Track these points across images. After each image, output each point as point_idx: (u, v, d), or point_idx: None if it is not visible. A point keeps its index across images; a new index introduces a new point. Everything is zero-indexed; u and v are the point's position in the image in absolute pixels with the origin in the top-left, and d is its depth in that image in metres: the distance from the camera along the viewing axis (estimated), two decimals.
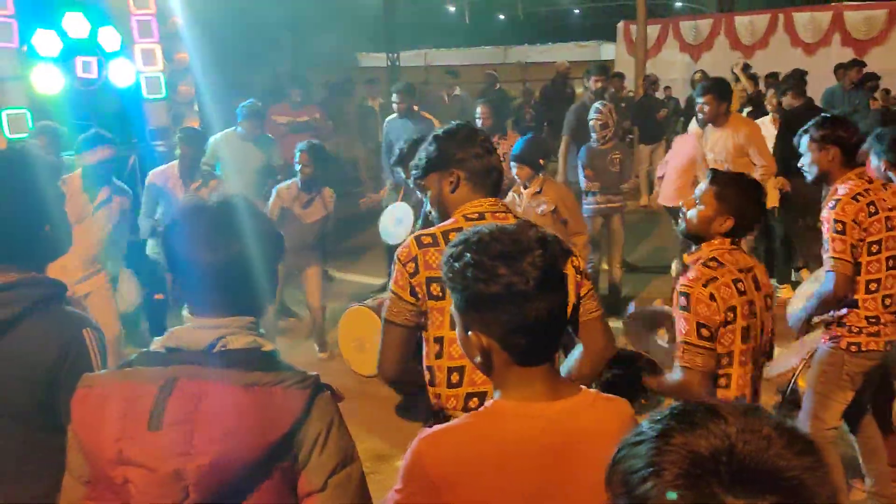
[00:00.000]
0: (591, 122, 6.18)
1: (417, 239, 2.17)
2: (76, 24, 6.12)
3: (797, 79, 6.94)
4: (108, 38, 6.38)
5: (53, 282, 1.89)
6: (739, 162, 5.54)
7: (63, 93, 6.07)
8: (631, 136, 10.93)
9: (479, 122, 6.17)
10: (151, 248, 5.56)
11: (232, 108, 6.65)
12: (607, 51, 19.42)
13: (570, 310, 2.02)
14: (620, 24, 15.97)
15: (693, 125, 7.63)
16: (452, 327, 1.99)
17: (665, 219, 7.57)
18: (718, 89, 5.63)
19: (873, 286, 3.15)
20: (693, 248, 2.66)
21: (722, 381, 2.52)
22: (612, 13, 24.51)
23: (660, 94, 11.76)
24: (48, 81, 5.96)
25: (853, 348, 3.19)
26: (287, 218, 5.46)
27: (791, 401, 3.64)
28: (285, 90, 9.01)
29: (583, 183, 6.22)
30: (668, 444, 0.81)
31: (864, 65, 9.51)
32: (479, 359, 1.43)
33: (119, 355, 4.93)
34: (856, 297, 3.16)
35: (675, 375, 2.52)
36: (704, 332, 2.44)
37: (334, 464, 1.40)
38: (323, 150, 5.66)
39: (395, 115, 6.97)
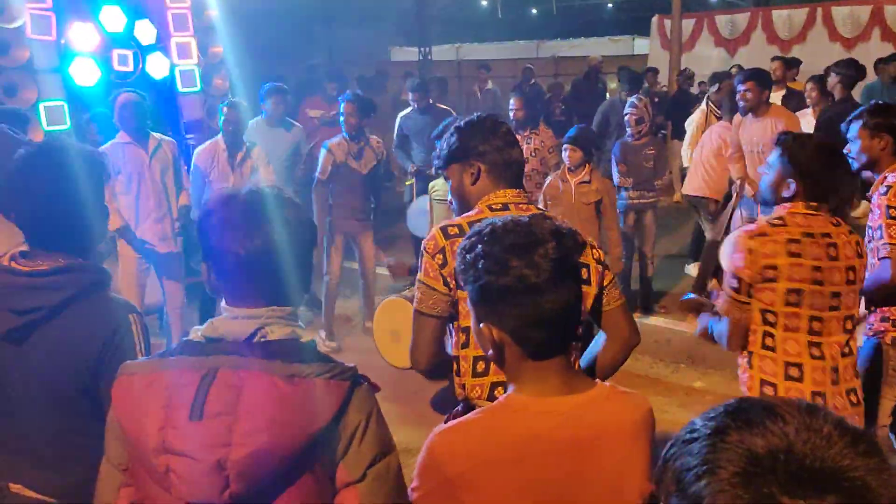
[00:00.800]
0: (626, 117, 6.12)
1: (444, 230, 2.15)
2: (113, 17, 6.19)
3: (851, 68, 6.79)
4: (145, 31, 6.45)
5: (99, 268, 1.97)
6: None
7: (99, 86, 6.15)
8: (664, 132, 10.81)
9: (511, 114, 6.17)
10: None
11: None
12: (641, 45, 19.24)
13: (589, 302, 2.03)
14: (655, 19, 15.81)
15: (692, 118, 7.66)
16: None
17: (683, 210, 7.51)
18: (760, 77, 5.58)
19: None
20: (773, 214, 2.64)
21: (769, 342, 2.52)
22: (646, 7, 24.25)
23: (694, 90, 11.61)
24: (85, 74, 6.04)
25: None
26: (342, 174, 5.55)
27: None
28: (321, 83, 9.04)
29: (616, 178, 6.17)
30: (724, 442, 0.78)
31: None
32: (491, 352, 1.42)
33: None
34: None
35: (720, 325, 2.59)
36: (734, 282, 2.50)
37: (373, 455, 1.40)
38: (365, 99, 5.75)
39: (410, 108, 7.06)
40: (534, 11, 27.89)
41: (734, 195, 5.84)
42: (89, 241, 1.95)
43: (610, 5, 27.23)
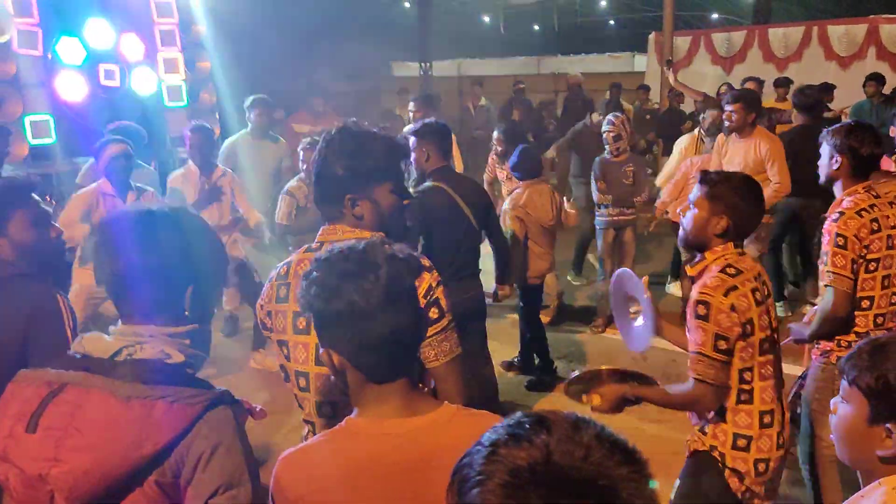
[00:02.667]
0: (603, 135, 6.16)
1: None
2: (99, 32, 6.29)
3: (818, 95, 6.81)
4: (131, 46, 6.55)
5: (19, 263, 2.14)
6: (756, 178, 5.46)
7: (86, 100, 6.24)
8: (655, 149, 10.86)
9: (496, 148, 6.28)
10: None
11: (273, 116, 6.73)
12: (641, 62, 19.30)
13: (423, 329, 1.88)
14: (652, 36, 15.87)
15: (682, 140, 7.62)
16: (294, 332, 1.98)
17: (660, 231, 7.47)
18: (749, 99, 5.58)
19: (866, 304, 3.08)
20: (697, 258, 2.57)
21: (744, 397, 2.45)
22: (647, 24, 24.35)
23: (687, 107, 11.66)
24: (71, 89, 6.13)
25: None
26: (308, 220, 5.47)
27: (790, 419, 3.59)
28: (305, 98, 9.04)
29: (595, 195, 6.20)
30: (495, 455, 0.85)
31: (882, 78, 9.30)
32: (334, 377, 1.44)
33: None
34: None
35: (684, 387, 2.45)
36: (721, 343, 2.36)
37: (215, 486, 1.37)
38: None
39: (410, 125, 7.00)
40: (535, 28, 28.03)
41: None
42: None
43: (611, 22, 27.35)
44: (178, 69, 6.88)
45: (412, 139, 3.96)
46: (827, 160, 3.15)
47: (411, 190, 2.41)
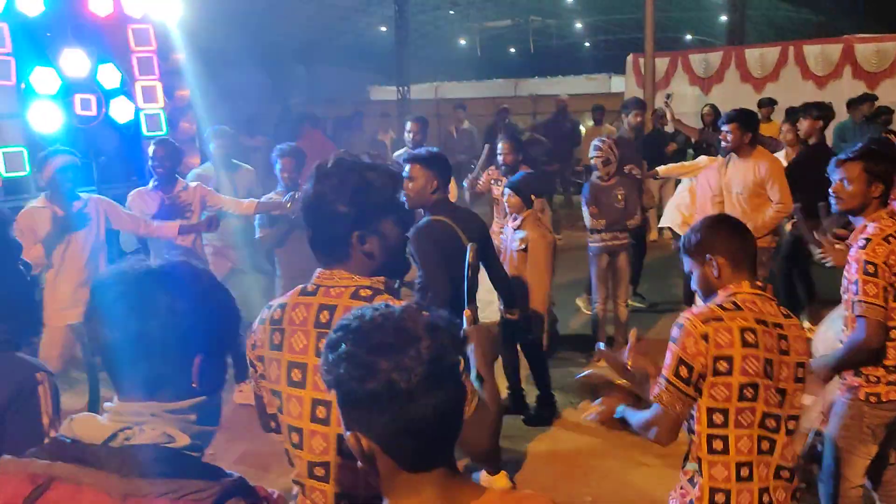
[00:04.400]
0: (591, 160, 6.07)
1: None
2: (75, 61, 6.10)
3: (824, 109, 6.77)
4: (108, 75, 6.37)
5: (5, 329, 1.88)
6: (757, 200, 5.39)
7: (62, 131, 6.03)
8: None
9: (500, 159, 6.11)
10: None
11: (238, 144, 6.57)
12: (617, 83, 19.43)
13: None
14: (630, 57, 15.92)
15: (702, 159, 7.49)
16: (289, 384, 1.82)
17: (668, 253, 7.40)
18: (744, 118, 5.50)
19: (893, 334, 2.95)
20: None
21: (717, 445, 2.26)
22: (622, 46, 24.59)
23: (668, 128, 11.65)
24: (46, 119, 5.93)
25: (872, 399, 2.98)
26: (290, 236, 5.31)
27: (810, 457, 3.45)
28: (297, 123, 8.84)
29: (587, 221, 6.09)
30: None
31: (876, 98, 9.37)
32: (361, 463, 1.26)
33: None
34: None
35: (646, 413, 2.34)
36: (683, 370, 2.23)
37: None
38: (301, 151, 5.42)
39: (405, 149, 6.82)
40: (512, 50, 28.19)
41: None
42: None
43: (587, 44, 27.58)
44: (157, 98, 6.69)
45: (412, 166, 3.77)
46: (865, 187, 3.01)
47: None
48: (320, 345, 1.79)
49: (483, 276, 4.19)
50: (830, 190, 3.12)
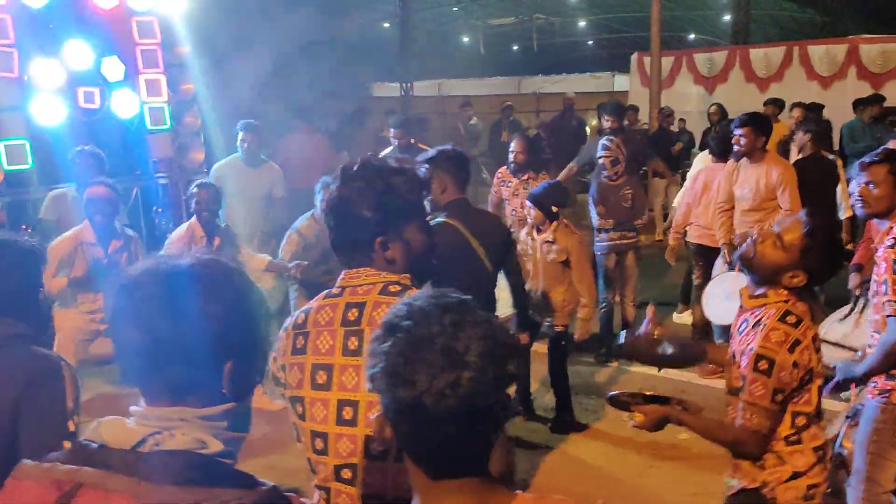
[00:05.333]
0: (600, 160, 6.01)
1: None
2: (78, 53, 6.04)
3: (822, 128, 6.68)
4: (112, 68, 6.31)
5: (20, 324, 1.93)
6: (768, 204, 5.32)
7: (64, 123, 5.97)
8: (645, 169, 10.75)
9: (511, 156, 5.98)
10: None
11: (264, 140, 6.51)
12: (621, 82, 19.35)
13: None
14: (634, 56, 15.87)
15: (703, 155, 7.40)
16: (313, 387, 1.77)
17: (682, 254, 7.26)
18: (757, 122, 5.41)
19: None
20: (757, 290, 2.42)
21: (794, 438, 2.36)
22: (625, 44, 24.54)
23: (674, 127, 11.61)
24: (48, 112, 5.87)
25: None
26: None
27: (838, 463, 3.38)
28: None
29: (595, 220, 6.03)
30: None
31: (884, 99, 9.33)
32: (381, 447, 1.27)
33: None
34: None
35: (730, 428, 2.39)
36: (779, 396, 2.29)
37: None
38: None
39: (391, 148, 6.78)
40: (515, 48, 28.12)
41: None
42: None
43: (590, 42, 27.51)
44: (161, 91, 6.62)
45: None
46: (891, 189, 2.96)
47: None
48: (349, 343, 1.74)
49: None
50: (856, 193, 3.06)
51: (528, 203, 4.88)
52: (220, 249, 5.02)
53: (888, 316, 2.84)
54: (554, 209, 4.80)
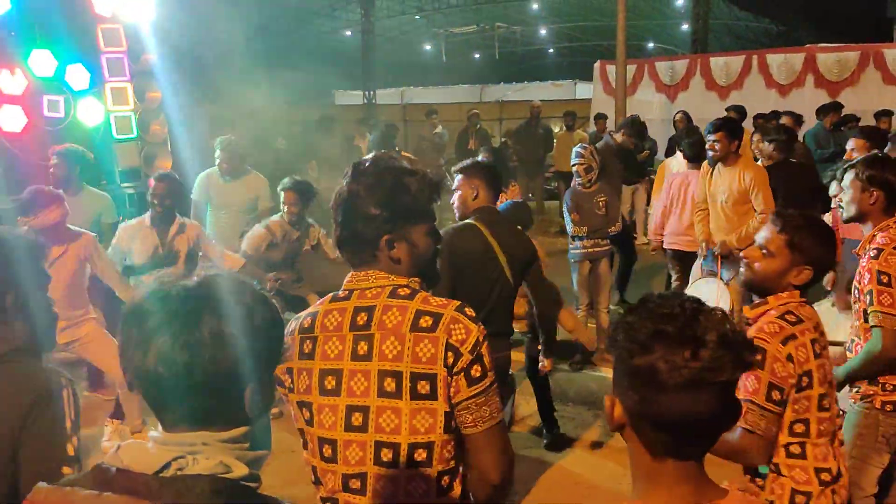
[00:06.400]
0: (574, 167, 6.04)
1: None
2: (43, 61, 5.89)
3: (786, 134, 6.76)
4: (77, 76, 6.16)
5: (23, 336, 1.84)
6: (742, 208, 5.38)
7: (27, 132, 5.82)
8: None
9: None
10: None
11: (207, 147, 6.39)
12: (583, 90, 19.51)
13: (439, 421, 1.69)
14: (597, 64, 16.03)
15: (672, 160, 7.50)
16: (321, 392, 1.74)
17: (653, 259, 7.33)
18: (730, 127, 5.49)
19: None
20: (754, 299, 2.44)
21: (795, 449, 2.30)
22: (587, 53, 24.82)
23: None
24: (11, 121, 5.72)
25: (888, 408, 2.96)
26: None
27: None
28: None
29: (569, 227, 6.06)
30: None
31: (843, 106, 9.57)
32: (612, 428, 1.29)
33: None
34: None
35: (730, 436, 2.30)
36: (776, 394, 2.23)
37: None
38: (305, 185, 5.34)
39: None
40: (477, 56, 28.22)
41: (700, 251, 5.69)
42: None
43: (551, 50, 27.72)
44: (127, 100, 6.50)
45: (457, 178, 3.64)
46: (859, 194, 3.01)
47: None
48: (358, 348, 1.70)
49: None
50: (836, 197, 3.12)
51: None
52: (171, 250, 4.92)
53: (874, 326, 2.87)
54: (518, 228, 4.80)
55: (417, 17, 25.78)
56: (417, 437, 1.67)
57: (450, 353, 1.66)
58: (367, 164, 1.79)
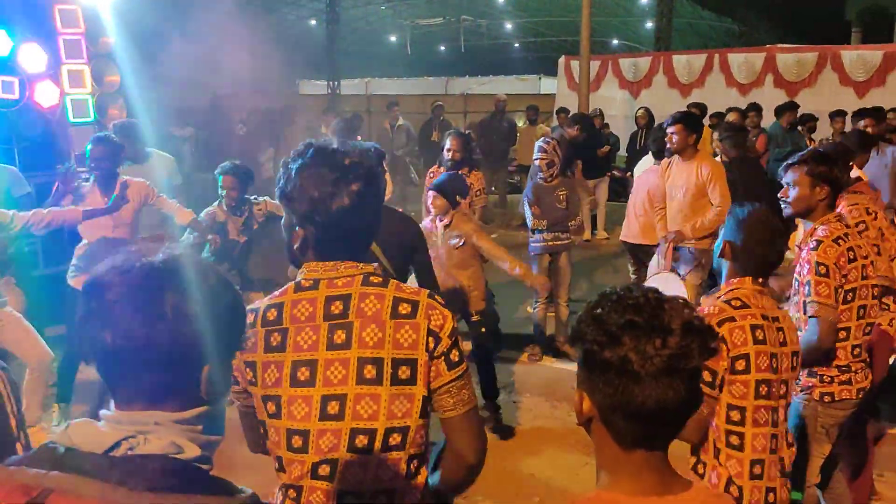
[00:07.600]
0: (535, 161, 6.08)
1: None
2: None
3: (736, 131, 6.88)
4: (32, 57, 6.03)
5: None
6: (699, 202, 5.45)
7: None
8: (572, 170, 10.92)
9: (447, 156, 6.01)
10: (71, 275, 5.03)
11: (167, 132, 6.27)
12: (547, 85, 19.62)
13: (416, 408, 1.72)
14: (561, 60, 16.13)
15: (646, 159, 7.57)
16: (293, 384, 1.72)
17: (612, 254, 7.41)
18: (688, 120, 5.56)
19: (843, 335, 3.01)
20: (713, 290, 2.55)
21: (734, 440, 2.33)
22: (552, 48, 24.92)
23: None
24: None
25: (826, 399, 3.04)
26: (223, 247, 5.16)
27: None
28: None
29: (529, 221, 6.09)
30: None
31: (798, 106, 9.76)
32: (578, 422, 1.33)
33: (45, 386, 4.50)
34: None
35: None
36: (707, 375, 2.26)
37: None
38: (243, 169, 5.24)
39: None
40: (442, 49, 28.18)
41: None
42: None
43: (517, 45, 27.78)
44: (85, 83, 6.37)
45: None
46: (808, 190, 3.06)
47: None
48: (334, 337, 1.70)
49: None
50: (779, 194, 3.17)
51: (431, 193, 4.91)
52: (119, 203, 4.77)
53: (811, 317, 2.92)
54: (458, 199, 4.87)
55: (383, 6, 25.66)
56: (394, 422, 1.69)
57: (430, 339, 1.70)
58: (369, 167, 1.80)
